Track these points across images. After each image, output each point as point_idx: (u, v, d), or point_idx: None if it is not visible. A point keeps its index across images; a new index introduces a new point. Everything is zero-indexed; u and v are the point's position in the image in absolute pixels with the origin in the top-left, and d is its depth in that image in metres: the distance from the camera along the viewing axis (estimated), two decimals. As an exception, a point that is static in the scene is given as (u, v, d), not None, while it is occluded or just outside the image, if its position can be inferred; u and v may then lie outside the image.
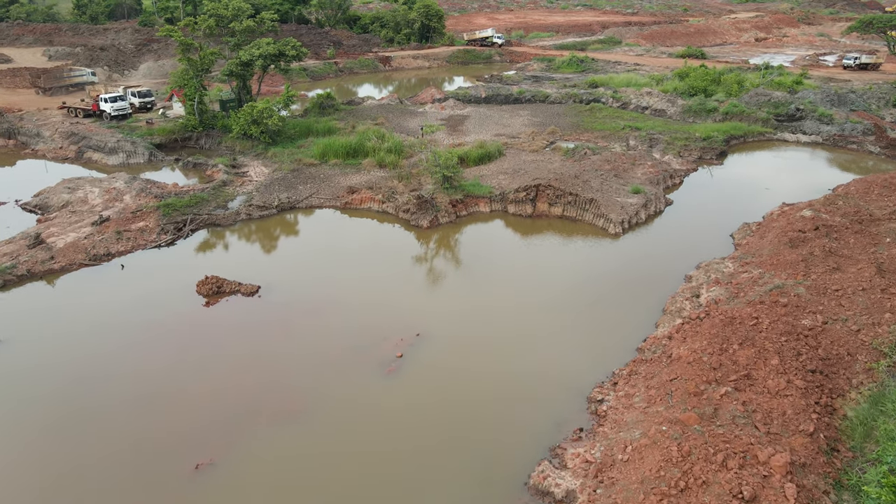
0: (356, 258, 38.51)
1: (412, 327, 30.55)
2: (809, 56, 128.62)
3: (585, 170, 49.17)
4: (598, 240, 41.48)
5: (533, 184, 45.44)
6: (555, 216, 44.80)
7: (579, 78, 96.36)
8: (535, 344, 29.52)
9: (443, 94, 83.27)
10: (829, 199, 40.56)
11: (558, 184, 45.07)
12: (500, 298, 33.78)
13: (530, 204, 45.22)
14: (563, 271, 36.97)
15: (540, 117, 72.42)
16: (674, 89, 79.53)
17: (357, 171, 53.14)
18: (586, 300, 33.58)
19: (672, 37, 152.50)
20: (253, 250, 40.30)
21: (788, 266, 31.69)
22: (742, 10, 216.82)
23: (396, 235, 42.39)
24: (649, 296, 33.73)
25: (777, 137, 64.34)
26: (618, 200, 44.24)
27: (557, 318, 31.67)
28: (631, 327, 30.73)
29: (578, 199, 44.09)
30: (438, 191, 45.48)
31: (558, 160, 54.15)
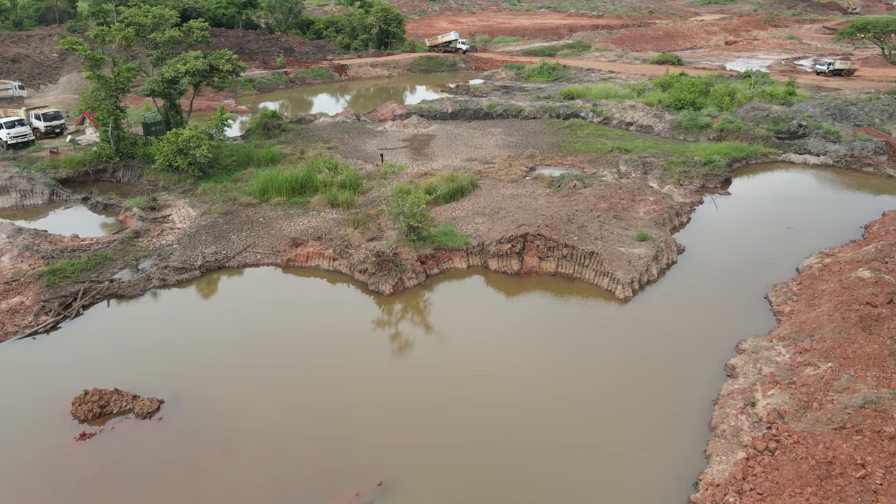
0: (296, 350, 29.46)
1: (373, 471, 21.81)
2: (785, 61, 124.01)
3: (579, 210, 41.02)
4: (603, 306, 33.30)
5: (519, 233, 37.03)
6: (547, 273, 36.48)
7: (553, 88, 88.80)
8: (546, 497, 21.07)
9: (405, 108, 74.54)
10: (882, 252, 33.18)
11: (549, 232, 36.78)
12: (492, 413, 25.25)
13: (516, 258, 36.82)
14: (565, 357, 28.65)
15: (515, 136, 64.28)
16: (658, 101, 72.43)
17: (304, 213, 44.02)
18: (606, 407, 25.29)
19: (642, 41, 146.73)
20: (161, 338, 30.87)
21: (870, 361, 23.92)
22: (706, 12, 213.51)
23: (351, 307, 33.47)
24: (684, 398, 25.66)
25: (782, 159, 57.41)
26: (622, 251, 36.16)
27: (574, 443, 23.28)
28: (671, 456, 22.51)
29: (575, 251, 35.86)
30: (403, 243, 36.74)
31: (543, 194, 45.95)
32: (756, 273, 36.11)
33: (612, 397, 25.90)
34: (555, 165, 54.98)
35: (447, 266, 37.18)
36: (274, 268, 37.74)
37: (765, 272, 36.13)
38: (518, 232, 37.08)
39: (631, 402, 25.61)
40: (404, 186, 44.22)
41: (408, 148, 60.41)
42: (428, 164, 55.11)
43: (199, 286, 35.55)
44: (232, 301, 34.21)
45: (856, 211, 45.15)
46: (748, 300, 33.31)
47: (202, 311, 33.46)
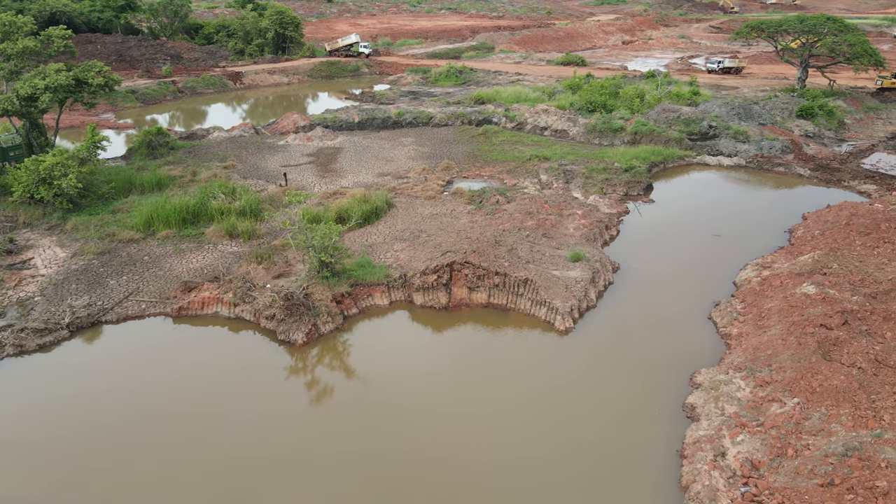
0: (189, 440, 24.45)
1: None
2: (681, 59, 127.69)
3: (506, 230, 37.93)
4: (542, 340, 30.27)
5: (444, 261, 33.40)
6: (478, 305, 33.07)
7: (462, 92, 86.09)
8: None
9: (308, 119, 69.30)
10: (820, 263, 32.08)
11: (478, 259, 33.39)
12: (427, 480, 21.44)
13: (444, 290, 33.16)
14: (504, 405, 25.30)
15: (428, 146, 60.75)
16: (570, 104, 71.12)
17: (198, 248, 38.48)
18: (558, 467, 22.07)
19: (544, 41, 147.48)
20: (13, 433, 24.92)
21: (839, 396, 22.01)
22: (601, 13, 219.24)
23: (258, 364, 28.64)
24: (645, 448, 22.93)
25: (698, 161, 57.09)
26: (557, 276, 33.34)
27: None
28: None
29: (508, 279, 32.66)
30: (315, 281, 32.23)
31: (465, 212, 42.65)
32: (694, 289, 34.32)
33: (563, 453, 22.77)
34: (473, 177, 51.88)
35: (367, 304, 33.01)
36: (163, 318, 32.16)
37: (703, 288, 34.40)
38: (443, 260, 33.45)
39: (585, 457, 22.59)
40: (312, 212, 39.69)
41: (313, 164, 55.52)
42: (336, 181, 50.56)
43: (68, 351, 29.52)
44: (109, 369, 28.46)
45: (777, 213, 44.78)
46: (692, 322, 31.30)
47: (70, 386, 27.55)
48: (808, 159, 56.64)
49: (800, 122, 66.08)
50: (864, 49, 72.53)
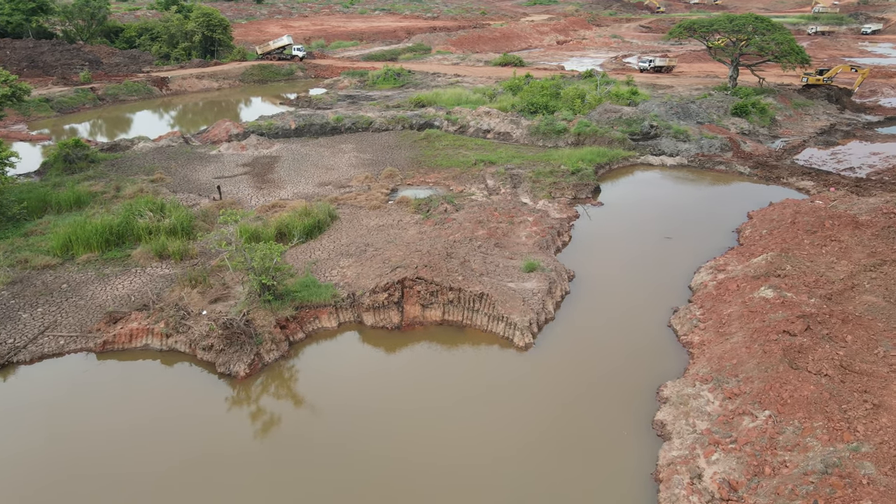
0: (117, 497, 21.82)
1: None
2: (615, 59, 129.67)
3: (456, 241, 36.41)
4: (502, 357, 28.89)
5: (395, 278, 31.56)
6: (432, 323, 31.40)
7: (401, 96, 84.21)
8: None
9: (241, 127, 65.98)
10: (774, 265, 31.93)
11: (430, 273, 31.72)
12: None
13: (395, 309, 31.33)
14: (465, 429, 23.75)
15: (369, 153, 58.65)
16: (512, 106, 70.41)
17: (124, 272, 35.32)
18: (525, 493, 20.69)
19: (480, 42, 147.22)
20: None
21: (811, 407, 21.44)
22: (534, 13, 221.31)
23: (195, 403, 26.07)
24: (617, 470, 21.82)
25: (641, 161, 57.15)
26: (513, 288, 32.05)
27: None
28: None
29: (463, 294, 31.12)
30: (256, 305, 29.82)
31: (412, 223, 40.93)
32: (651, 295, 33.69)
33: (530, 478, 21.39)
34: (418, 185, 50.18)
35: (314, 327, 30.83)
36: (85, 355, 29.07)
37: (659, 294, 33.81)
38: (394, 277, 31.61)
39: (554, 482, 21.27)
40: (250, 228, 37.12)
41: (249, 174, 52.58)
42: (275, 193, 47.90)
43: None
44: (22, 418, 25.33)
45: (723, 212, 44.96)
46: (652, 331, 30.56)
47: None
48: (747, 157, 57.63)
49: (735, 119, 67.39)
50: (791, 47, 74.80)
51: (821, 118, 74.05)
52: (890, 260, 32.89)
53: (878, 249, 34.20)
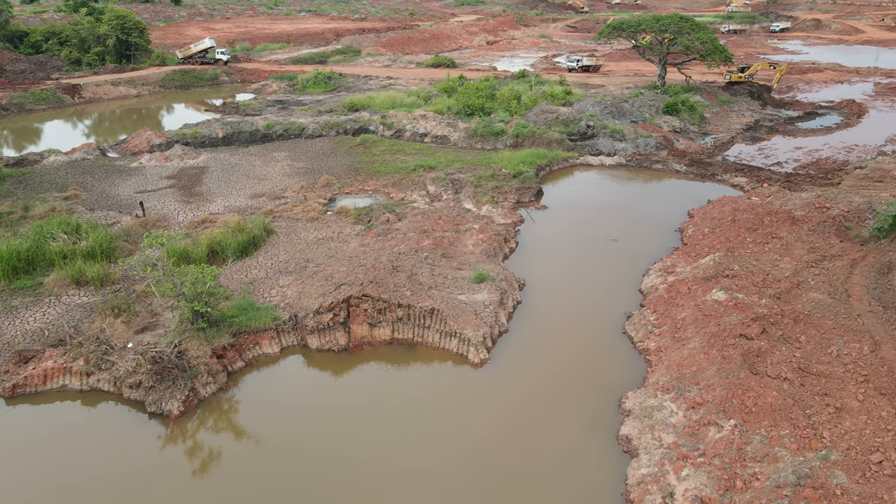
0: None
1: None
2: (545, 58, 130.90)
3: (402, 253, 34.89)
4: (457, 375, 27.61)
5: (340, 297, 29.75)
6: (382, 342, 29.79)
7: (333, 100, 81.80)
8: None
9: (164, 136, 62.18)
10: (722, 265, 31.95)
11: (377, 290, 30.09)
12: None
13: (342, 330, 29.54)
14: (422, 455, 22.33)
15: (303, 161, 56.27)
16: (448, 109, 69.27)
17: (36, 302, 32.00)
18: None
19: (411, 43, 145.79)
20: None
21: (776, 414, 21.13)
22: (462, 13, 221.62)
23: (124, 448, 23.55)
24: (586, 493, 20.89)
25: (581, 161, 57.12)
26: (463, 301, 30.84)
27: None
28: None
29: (412, 311, 29.64)
30: (188, 334, 27.42)
31: (354, 234, 39.14)
32: (603, 301, 33.19)
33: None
34: (357, 193, 48.32)
35: (254, 354, 28.67)
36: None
37: (611, 299, 33.35)
38: (338, 296, 29.81)
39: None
40: (178, 248, 34.43)
41: (175, 187, 49.32)
42: (204, 207, 45.02)
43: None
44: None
45: (664, 211, 45.21)
46: (608, 338, 29.99)
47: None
48: (681, 154, 58.58)
49: (667, 118, 68.57)
50: (715, 46, 76.93)
51: (745, 114, 76.46)
52: (829, 255, 33.59)
53: (816, 245, 34.91)
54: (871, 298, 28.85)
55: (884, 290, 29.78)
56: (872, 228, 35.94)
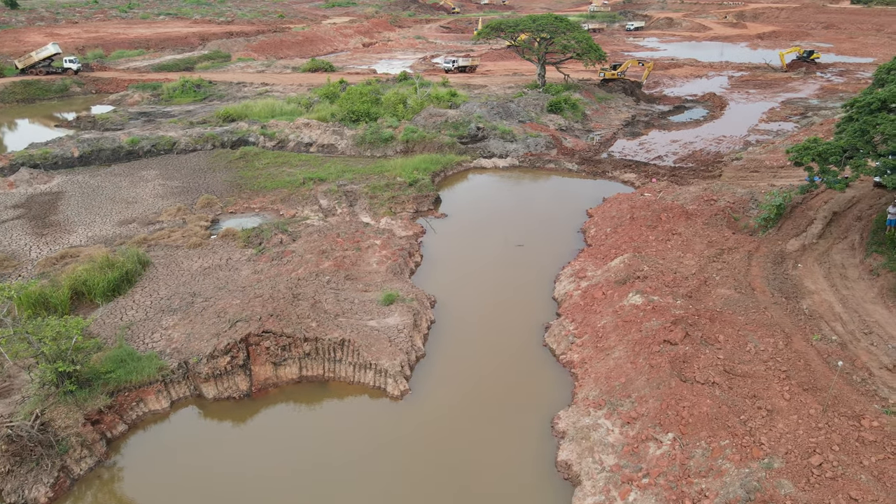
0: None
1: None
2: (424, 60, 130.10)
3: (301, 278, 31.94)
4: (376, 410, 25.32)
5: (237, 336, 26.45)
6: (289, 382, 26.83)
7: (205, 110, 75.93)
8: None
9: (7, 158, 54.42)
10: (632, 267, 31.78)
11: (279, 325, 27.08)
12: None
13: (242, 373, 26.27)
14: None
15: (178, 179, 51.19)
16: (332, 115, 66.20)
17: None
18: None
19: (283, 47, 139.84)
20: None
21: (713, 424, 20.69)
22: (334, 15, 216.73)
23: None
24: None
25: (475, 165, 56.20)
26: (375, 328, 28.54)
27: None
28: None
29: (321, 344, 26.93)
30: (53, 399, 23.11)
31: (245, 260, 35.57)
32: (518, 312, 32.09)
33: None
34: (242, 212, 44.41)
35: (139, 413, 24.77)
36: None
37: (526, 309, 32.34)
38: (235, 334, 26.50)
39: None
40: (33, 293, 29.45)
41: (24, 218, 42.92)
42: (62, 239, 39.39)
43: None
44: None
45: (564, 212, 45.13)
46: (529, 353, 28.83)
47: None
48: (571, 153, 59.30)
49: (552, 116, 69.47)
50: (590, 45, 79.18)
51: (622, 110, 79.32)
52: (727, 248, 34.51)
53: (713, 239, 35.82)
54: (773, 290, 29.73)
55: (782, 280, 30.86)
56: (760, 219, 37.50)
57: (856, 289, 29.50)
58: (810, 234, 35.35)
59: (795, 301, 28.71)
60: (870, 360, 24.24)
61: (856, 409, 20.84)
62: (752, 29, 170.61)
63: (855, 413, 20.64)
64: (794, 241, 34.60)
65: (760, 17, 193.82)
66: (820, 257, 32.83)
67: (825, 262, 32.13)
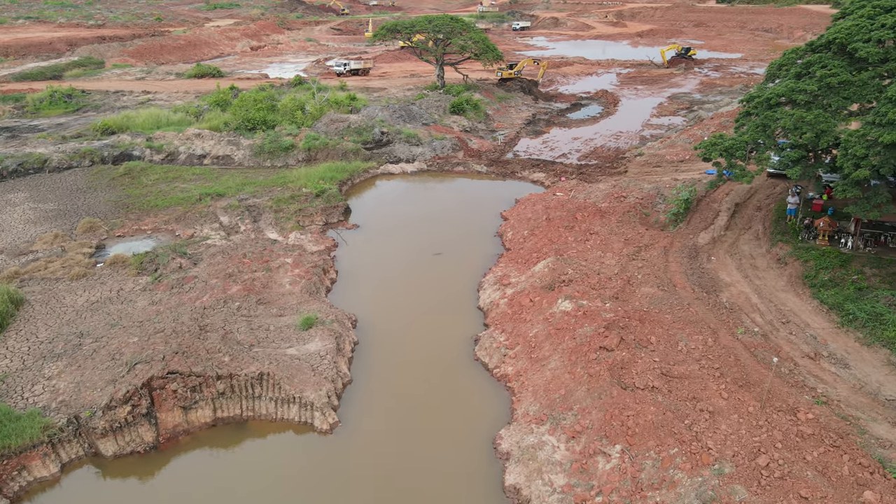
0: None
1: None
2: (317, 63, 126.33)
3: (208, 307, 29.05)
4: (304, 449, 23.21)
5: (137, 380, 23.39)
6: (202, 427, 24.08)
7: (79, 122, 69.20)
8: None
9: None
10: (556, 271, 31.31)
11: (186, 363, 24.26)
12: None
13: (146, 423, 23.23)
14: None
15: (52, 202, 45.92)
16: (225, 125, 62.17)
17: None
18: None
19: (164, 52, 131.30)
20: None
21: (660, 433, 20.29)
22: (217, 17, 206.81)
23: None
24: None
25: (382, 171, 54.41)
26: (295, 356, 26.31)
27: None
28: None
29: (236, 380, 24.40)
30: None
31: (139, 290, 32.05)
32: (444, 325, 30.83)
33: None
34: (132, 235, 40.38)
35: (21, 483, 21.25)
36: None
37: (452, 321, 31.13)
38: (135, 379, 23.43)
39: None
40: None
41: None
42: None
43: None
44: None
45: (478, 216, 44.35)
46: (461, 369, 27.61)
47: None
48: (477, 154, 58.83)
49: (455, 117, 68.88)
50: (487, 45, 79.40)
51: (522, 109, 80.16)
52: (643, 245, 34.91)
53: (629, 236, 36.16)
54: (693, 285, 30.21)
55: (699, 274, 31.47)
56: (670, 214, 38.36)
57: (767, 278, 30.54)
58: (717, 226, 36.50)
59: (715, 295, 29.28)
60: (792, 350, 24.94)
61: (790, 403, 21.16)
62: (632, 27, 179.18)
63: (790, 406, 20.94)
64: (704, 235, 35.56)
65: (637, 16, 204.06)
66: (730, 249, 33.87)
67: (735, 254, 33.16)
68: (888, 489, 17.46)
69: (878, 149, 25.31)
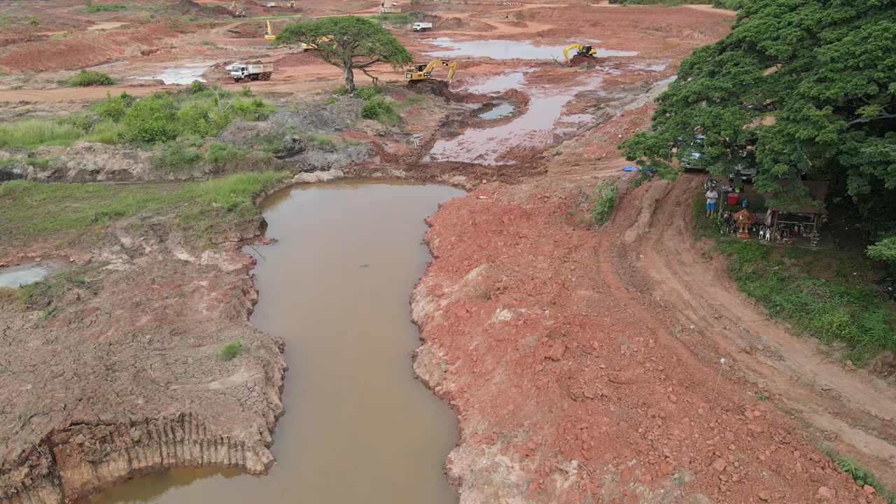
0: None
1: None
2: (216, 67, 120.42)
3: (114, 342, 26.09)
4: (235, 493, 21.06)
5: (35, 437, 20.40)
6: (116, 481, 21.37)
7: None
8: None
9: None
10: (490, 279, 30.46)
11: (93, 410, 21.48)
12: None
13: (48, 484, 20.31)
14: None
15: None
16: (119, 136, 57.48)
17: None
18: None
19: (43, 58, 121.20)
20: None
21: (616, 445, 19.76)
22: (101, 21, 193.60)
23: None
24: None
25: (297, 180, 51.86)
26: (220, 390, 24.00)
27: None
28: None
29: (154, 425, 21.86)
30: None
31: (30, 327, 28.50)
32: (377, 343, 29.30)
33: None
34: (17, 264, 36.13)
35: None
36: None
37: (385, 337, 29.66)
38: (32, 436, 20.44)
39: None
40: None
41: None
42: None
43: None
44: None
45: (401, 223, 43.01)
46: (400, 389, 26.20)
47: None
48: (394, 158, 57.41)
49: (368, 122, 67.12)
50: (396, 47, 78.03)
51: (435, 111, 79.37)
52: (573, 246, 34.78)
53: (557, 237, 35.96)
54: (627, 285, 30.24)
55: (630, 273, 31.58)
56: (595, 213, 38.54)
57: (695, 273, 31.06)
58: (641, 223, 36.97)
59: (648, 293, 29.41)
60: (728, 346, 25.27)
61: (735, 401, 21.26)
62: (532, 27, 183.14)
63: (736, 405, 21.03)
64: (630, 232, 35.88)
65: (537, 16, 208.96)
66: (656, 245, 34.32)
67: (662, 251, 33.61)
68: (841, 483, 17.70)
69: (794, 144, 26.10)
